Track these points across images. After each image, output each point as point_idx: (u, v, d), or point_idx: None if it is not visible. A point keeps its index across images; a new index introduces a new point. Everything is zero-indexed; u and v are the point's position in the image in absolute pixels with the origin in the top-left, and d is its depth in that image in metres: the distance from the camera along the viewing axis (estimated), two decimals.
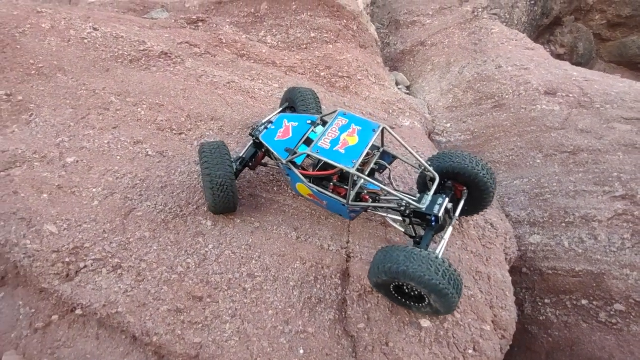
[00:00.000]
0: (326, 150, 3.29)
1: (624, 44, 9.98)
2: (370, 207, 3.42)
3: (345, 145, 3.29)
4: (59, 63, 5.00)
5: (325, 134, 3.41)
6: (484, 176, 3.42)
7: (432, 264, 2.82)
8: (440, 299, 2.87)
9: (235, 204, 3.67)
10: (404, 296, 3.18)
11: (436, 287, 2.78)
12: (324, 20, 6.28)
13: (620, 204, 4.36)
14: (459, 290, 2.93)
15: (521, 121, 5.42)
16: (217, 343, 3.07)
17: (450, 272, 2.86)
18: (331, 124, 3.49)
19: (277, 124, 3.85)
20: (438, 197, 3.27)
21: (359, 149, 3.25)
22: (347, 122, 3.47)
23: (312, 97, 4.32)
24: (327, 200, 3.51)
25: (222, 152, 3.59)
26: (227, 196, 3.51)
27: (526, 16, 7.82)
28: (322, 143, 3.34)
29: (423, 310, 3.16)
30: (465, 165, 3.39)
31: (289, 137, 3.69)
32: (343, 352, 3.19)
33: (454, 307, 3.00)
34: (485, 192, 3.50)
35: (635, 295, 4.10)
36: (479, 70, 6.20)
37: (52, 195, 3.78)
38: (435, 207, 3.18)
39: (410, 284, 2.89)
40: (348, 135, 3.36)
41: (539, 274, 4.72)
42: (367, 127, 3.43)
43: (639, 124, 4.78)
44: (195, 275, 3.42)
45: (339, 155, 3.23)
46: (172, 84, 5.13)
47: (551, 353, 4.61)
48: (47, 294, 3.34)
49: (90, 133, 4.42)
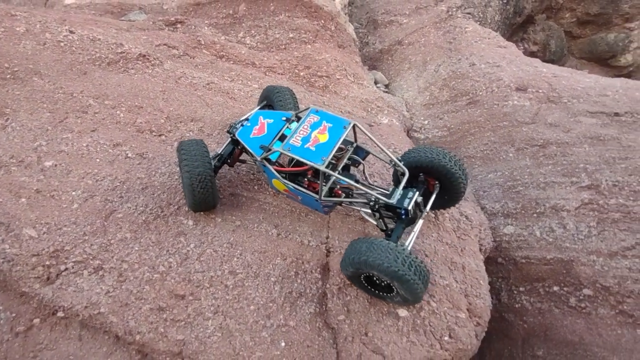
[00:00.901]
0: (297, 147, 3.39)
1: (593, 41, 10.36)
2: (342, 201, 3.53)
3: (316, 142, 3.40)
4: (35, 67, 4.96)
5: (297, 132, 3.49)
6: (455, 170, 3.53)
7: (392, 252, 2.93)
8: (404, 287, 2.99)
9: (214, 201, 3.70)
10: (375, 287, 3.30)
11: (396, 273, 2.89)
12: (301, 20, 6.37)
13: (586, 193, 4.58)
14: (424, 278, 3.03)
15: (494, 117, 5.62)
16: (199, 339, 3.13)
17: (411, 259, 2.97)
18: (303, 122, 3.57)
19: (252, 121, 3.91)
20: (409, 190, 3.39)
21: (329, 146, 3.35)
22: (319, 120, 3.57)
23: (289, 94, 4.39)
24: (301, 196, 3.61)
25: (201, 149, 3.63)
26: (206, 192, 3.54)
27: (499, 15, 8.06)
28: (293, 141, 3.43)
29: (395, 299, 3.28)
30: (436, 160, 3.51)
31: (264, 134, 3.76)
32: (324, 343, 3.29)
33: (421, 295, 3.11)
34: (456, 186, 3.62)
35: (602, 280, 4.32)
36: (453, 68, 6.38)
37: (31, 200, 3.77)
38: (405, 200, 3.30)
39: (373, 272, 3.00)
40: (319, 132, 3.46)
41: (514, 264, 4.92)
42: (338, 124, 3.52)
43: (603, 117, 5.02)
44: (177, 274, 3.47)
45: (309, 153, 3.33)
46: (151, 86, 5.14)
47: (527, 339, 4.81)
48: (27, 297, 3.34)
49: (69, 136, 4.41)
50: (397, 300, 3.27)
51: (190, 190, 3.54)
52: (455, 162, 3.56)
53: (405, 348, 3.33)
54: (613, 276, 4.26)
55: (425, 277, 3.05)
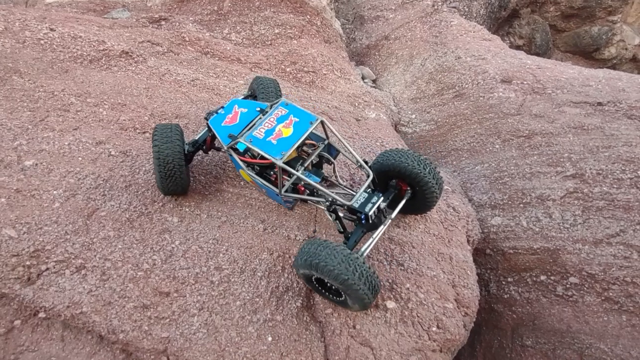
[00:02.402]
0: (259, 140, 3.33)
1: (577, 34, 10.48)
2: (304, 199, 3.46)
3: (279, 136, 3.33)
4: (14, 65, 4.86)
5: (262, 124, 3.44)
6: (427, 178, 3.37)
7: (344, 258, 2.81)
8: (351, 295, 2.89)
9: (184, 185, 3.70)
10: (326, 290, 3.22)
11: (345, 282, 2.78)
12: (287, 16, 6.33)
13: (571, 182, 4.61)
14: (373, 288, 2.92)
15: (480, 109, 5.64)
16: (184, 336, 3.09)
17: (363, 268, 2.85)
18: (270, 114, 3.52)
19: (227, 109, 3.87)
20: (374, 195, 3.27)
21: (291, 141, 3.28)
22: (286, 113, 3.50)
23: (272, 86, 4.34)
24: (265, 188, 3.58)
25: (174, 134, 3.64)
26: (174, 176, 3.55)
27: (484, 9, 8.11)
28: (256, 132, 3.38)
29: (344, 304, 3.19)
30: (407, 165, 3.35)
31: (235, 123, 3.71)
32: (311, 337, 3.27)
33: (368, 304, 3.01)
34: (428, 195, 3.47)
35: (587, 267, 4.36)
36: (439, 62, 6.40)
37: (10, 200, 3.69)
38: (367, 205, 3.18)
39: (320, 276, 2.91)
40: (284, 126, 3.39)
41: (502, 254, 4.94)
42: (305, 119, 3.44)
43: (586, 107, 5.07)
44: (161, 272, 3.42)
45: (270, 146, 3.26)
46: (135, 83, 5.07)
47: (516, 329, 4.84)
48: (7, 299, 3.27)
49: (50, 135, 4.33)
50: (346, 305, 3.17)
51: (158, 172, 3.56)
52: (429, 170, 3.39)
53: (393, 339, 3.32)
54: (598, 263, 4.30)
55: (374, 287, 2.94)
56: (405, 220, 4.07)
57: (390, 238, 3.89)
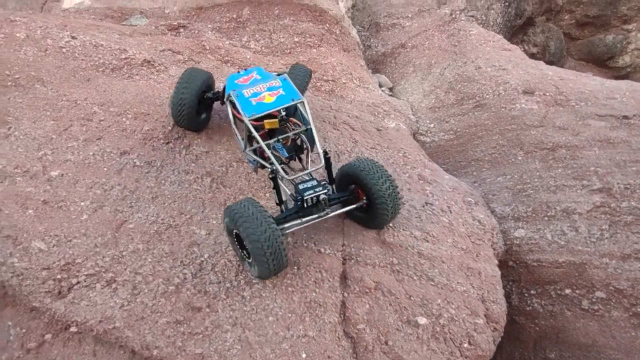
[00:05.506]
0: (243, 97, 3.68)
1: (591, 42, 10.49)
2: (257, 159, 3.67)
3: (261, 100, 3.65)
4: (37, 74, 4.85)
5: (254, 85, 3.76)
6: (382, 192, 3.44)
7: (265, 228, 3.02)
8: (256, 262, 3.13)
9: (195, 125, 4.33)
10: (242, 247, 3.35)
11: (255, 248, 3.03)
12: (306, 24, 6.33)
13: (597, 196, 4.59)
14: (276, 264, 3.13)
15: (502, 120, 5.62)
16: (219, 352, 3.06)
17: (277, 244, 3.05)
18: (265, 80, 3.83)
19: (247, 72, 4.16)
20: (321, 186, 3.39)
21: (266, 108, 3.59)
22: (278, 85, 3.79)
23: (303, 75, 4.61)
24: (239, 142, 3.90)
25: (197, 78, 4.15)
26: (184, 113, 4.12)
27: (501, 17, 8.11)
28: (245, 91, 3.72)
29: (247, 266, 3.40)
30: (367, 174, 3.46)
31: (245, 84, 3.99)
32: (344, 353, 3.24)
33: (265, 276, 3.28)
34: (380, 209, 3.55)
35: (615, 282, 4.33)
36: (459, 71, 6.39)
37: (38, 211, 3.67)
38: (309, 190, 3.33)
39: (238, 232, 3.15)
40: (269, 94, 3.69)
41: (525, 267, 4.91)
42: (290, 95, 3.72)
43: (612, 120, 5.05)
44: (192, 286, 3.40)
45: (248, 105, 3.62)
46: (157, 92, 5.06)
47: (538, 341, 4.81)
48: (38, 312, 3.24)
49: (74, 145, 4.31)
50: (250, 267, 3.37)
51: (171, 107, 4.25)
52: (387, 187, 3.45)
53: (426, 356, 3.30)
54: (626, 279, 4.27)
55: (278, 265, 3.16)
56: (433, 234, 4.05)
57: (419, 252, 3.87)
